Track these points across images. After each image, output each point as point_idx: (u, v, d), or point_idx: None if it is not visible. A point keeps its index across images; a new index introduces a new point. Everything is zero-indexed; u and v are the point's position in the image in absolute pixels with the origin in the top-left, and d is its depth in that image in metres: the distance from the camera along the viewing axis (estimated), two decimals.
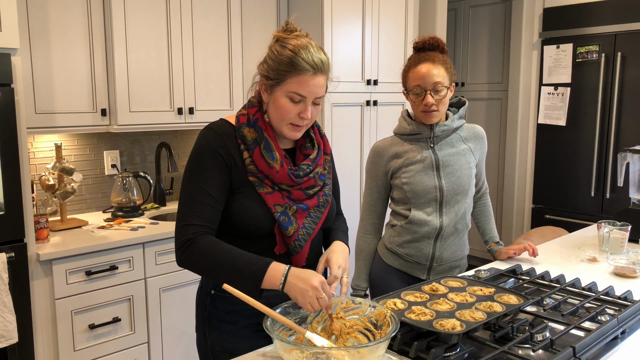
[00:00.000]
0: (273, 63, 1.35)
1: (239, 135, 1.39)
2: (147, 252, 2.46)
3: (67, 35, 2.44)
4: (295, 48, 1.34)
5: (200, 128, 2.96)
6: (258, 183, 1.39)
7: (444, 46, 1.88)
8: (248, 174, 1.39)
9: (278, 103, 1.36)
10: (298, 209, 1.42)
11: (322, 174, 1.49)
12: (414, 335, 1.28)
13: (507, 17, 4.54)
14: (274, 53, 1.36)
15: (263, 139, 1.39)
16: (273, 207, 1.38)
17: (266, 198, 1.38)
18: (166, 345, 2.58)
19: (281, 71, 1.34)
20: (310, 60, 1.33)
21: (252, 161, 1.38)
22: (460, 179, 1.88)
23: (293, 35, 1.38)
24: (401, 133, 1.95)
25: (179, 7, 2.74)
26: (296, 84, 1.34)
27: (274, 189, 1.39)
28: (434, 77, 1.80)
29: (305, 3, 3.11)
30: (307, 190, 1.44)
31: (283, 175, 1.38)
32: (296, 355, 1.12)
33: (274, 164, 1.38)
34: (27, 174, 2.12)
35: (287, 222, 1.39)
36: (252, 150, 1.38)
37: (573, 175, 4.07)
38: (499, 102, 4.69)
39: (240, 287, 1.25)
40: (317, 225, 1.46)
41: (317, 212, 1.46)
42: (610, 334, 1.33)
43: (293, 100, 1.35)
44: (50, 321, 2.24)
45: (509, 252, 2.02)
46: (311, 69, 1.34)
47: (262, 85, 1.40)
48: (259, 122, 1.40)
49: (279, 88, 1.35)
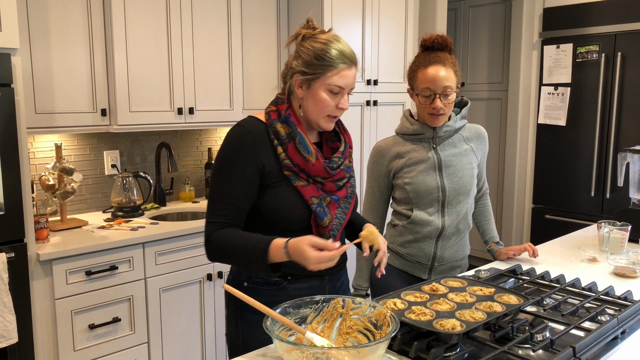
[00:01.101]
0: (310, 58, 1.41)
1: (271, 131, 1.44)
2: (147, 252, 2.46)
3: (67, 35, 2.44)
4: (330, 42, 1.41)
5: (200, 128, 2.98)
6: (293, 177, 1.43)
7: (452, 45, 1.86)
8: (283, 169, 1.43)
9: (318, 97, 1.42)
10: (331, 200, 1.48)
11: (349, 167, 1.56)
12: (414, 335, 1.28)
13: (507, 17, 4.54)
14: (309, 49, 1.42)
15: (297, 134, 1.43)
16: (310, 199, 1.43)
17: (303, 191, 1.43)
18: (166, 345, 2.58)
19: (319, 65, 1.40)
20: (346, 53, 1.42)
21: (286, 156, 1.43)
22: (463, 179, 1.88)
23: (319, 31, 1.45)
24: (403, 133, 1.95)
25: (179, 7, 2.74)
26: (336, 77, 1.40)
27: (309, 182, 1.45)
28: (444, 81, 1.78)
29: (305, 3, 3.11)
30: (338, 182, 1.50)
31: (319, 168, 1.44)
32: (296, 355, 1.12)
33: (310, 158, 1.43)
34: (27, 174, 2.12)
35: (322, 213, 1.44)
36: (287, 145, 1.43)
37: (573, 175, 4.07)
38: (499, 102, 4.69)
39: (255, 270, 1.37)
40: (346, 216, 1.53)
41: (346, 202, 1.53)
42: (610, 334, 1.33)
43: (332, 92, 1.42)
44: (50, 321, 2.24)
45: (508, 253, 2.02)
46: (348, 61, 1.42)
47: (297, 81, 1.44)
48: (291, 117, 1.45)
49: (318, 82, 1.41)
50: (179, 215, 3.05)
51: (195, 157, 3.33)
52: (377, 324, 1.26)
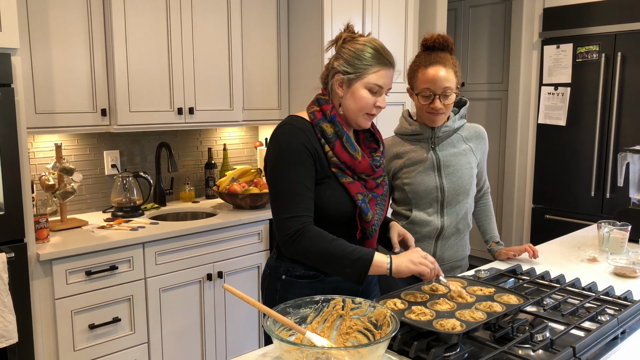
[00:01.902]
0: (352, 59, 1.49)
1: (318, 130, 1.51)
2: (147, 252, 2.46)
3: (67, 35, 2.44)
4: (372, 44, 1.49)
5: (200, 128, 2.98)
6: (340, 173, 1.51)
7: (453, 46, 1.85)
8: (331, 166, 1.50)
9: (358, 95, 1.49)
10: (372, 196, 1.56)
11: (383, 166, 1.64)
12: (414, 335, 1.28)
13: (507, 17, 4.54)
14: (351, 50, 1.49)
15: (344, 133, 1.51)
16: (355, 195, 1.50)
17: (349, 187, 1.50)
18: (166, 345, 2.58)
19: (362, 65, 1.48)
20: (385, 55, 1.50)
21: (334, 153, 1.50)
22: (462, 179, 1.88)
23: (359, 35, 1.54)
24: (402, 133, 1.95)
25: (179, 7, 2.74)
26: (376, 76, 1.48)
27: (354, 179, 1.52)
28: (444, 81, 1.78)
29: (306, 3, 3.11)
30: (377, 179, 1.59)
31: (365, 166, 1.52)
32: (296, 355, 1.12)
33: (357, 155, 1.51)
34: (27, 174, 2.12)
35: (366, 208, 1.52)
36: (333, 144, 1.50)
37: (573, 175, 4.07)
38: (499, 102, 4.69)
39: (350, 271, 1.39)
40: (384, 212, 1.61)
41: (383, 199, 1.61)
42: (610, 334, 1.33)
43: (372, 91, 1.49)
44: (50, 321, 2.24)
45: (508, 254, 2.02)
46: (387, 62, 1.49)
47: (338, 81, 1.51)
48: (337, 117, 1.52)
49: (359, 81, 1.49)
50: (179, 215, 3.05)
51: (195, 157, 3.33)
52: (377, 324, 1.26)
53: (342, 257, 1.40)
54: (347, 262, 1.39)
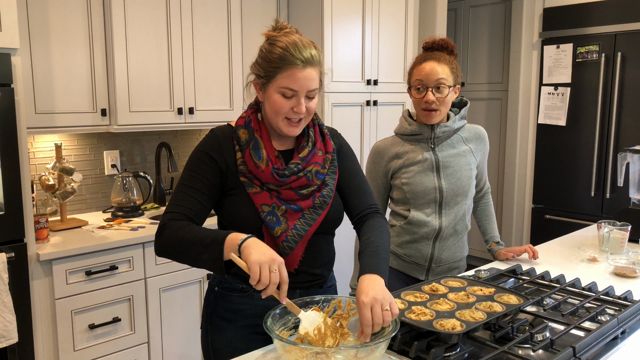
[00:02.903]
0: (263, 61, 1.38)
1: (235, 137, 1.43)
2: (147, 252, 2.46)
3: (67, 35, 2.44)
4: (283, 44, 1.35)
5: (200, 128, 2.98)
6: (248, 183, 1.40)
7: (454, 48, 1.88)
8: (239, 175, 1.40)
9: (271, 99, 1.37)
10: (288, 209, 1.39)
11: (321, 173, 1.44)
12: (414, 335, 1.28)
13: (507, 17, 4.54)
14: (264, 52, 1.39)
15: (252, 139, 1.41)
16: (260, 207, 1.38)
17: (254, 198, 1.39)
18: (166, 345, 2.58)
19: (271, 68, 1.35)
20: (297, 54, 1.34)
21: (243, 161, 1.40)
22: (461, 180, 1.88)
23: (282, 33, 1.40)
24: (402, 133, 1.95)
25: (179, 7, 2.73)
26: (286, 79, 1.34)
27: (262, 189, 1.40)
28: (437, 74, 1.80)
29: (305, 3, 3.11)
30: (300, 190, 1.41)
31: (267, 175, 1.38)
32: (296, 355, 1.12)
33: (260, 164, 1.38)
34: (27, 174, 2.12)
35: (274, 222, 1.37)
36: (244, 151, 1.41)
37: (573, 175, 4.07)
38: (499, 102, 4.69)
39: (207, 258, 1.24)
40: (311, 227, 1.41)
41: (313, 213, 1.42)
42: (610, 334, 1.33)
43: (285, 95, 1.36)
44: (50, 321, 2.24)
45: (508, 255, 2.02)
46: (300, 62, 1.33)
47: (256, 85, 1.43)
48: (252, 122, 1.43)
49: (271, 85, 1.37)
50: None
51: None
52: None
53: (196, 243, 1.26)
54: (202, 248, 1.25)
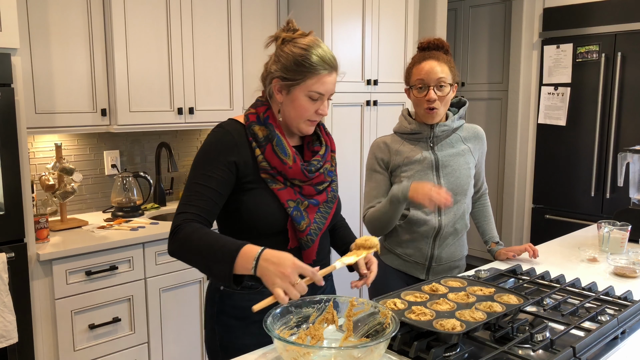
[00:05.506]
0: (289, 64, 1.39)
1: (249, 133, 1.42)
2: (147, 252, 2.46)
3: (67, 36, 2.44)
4: (309, 47, 1.38)
5: (200, 128, 2.98)
6: (270, 179, 1.41)
7: (448, 48, 1.89)
8: (260, 171, 1.41)
9: (297, 102, 1.40)
10: (309, 204, 1.45)
11: (330, 171, 1.53)
12: (414, 335, 1.28)
13: (507, 17, 4.54)
14: (289, 54, 1.39)
15: (275, 136, 1.41)
16: (286, 202, 1.40)
17: (279, 194, 1.40)
18: (166, 345, 2.58)
19: (299, 72, 1.38)
20: (326, 59, 1.39)
21: (264, 158, 1.40)
22: (460, 179, 1.88)
23: (299, 35, 1.42)
24: (401, 132, 1.95)
25: (179, 7, 2.73)
26: (316, 84, 1.38)
27: (286, 185, 1.42)
28: (438, 73, 1.80)
29: (305, 3, 3.11)
30: (317, 185, 1.47)
31: (296, 171, 1.41)
32: (295, 355, 1.12)
33: (287, 160, 1.40)
34: (27, 174, 2.12)
35: (299, 217, 1.41)
36: (264, 147, 1.41)
37: (573, 175, 4.07)
38: (499, 102, 4.69)
39: (216, 272, 1.25)
40: (327, 220, 1.49)
41: (327, 207, 1.50)
42: (610, 334, 1.33)
43: (312, 98, 1.40)
44: (50, 321, 2.24)
45: (508, 254, 2.02)
46: (329, 68, 1.39)
47: (277, 86, 1.42)
48: (269, 119, 1.43)
49: (298, 88, 1.39)
50: None
51: None
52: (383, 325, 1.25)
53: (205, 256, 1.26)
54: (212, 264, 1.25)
